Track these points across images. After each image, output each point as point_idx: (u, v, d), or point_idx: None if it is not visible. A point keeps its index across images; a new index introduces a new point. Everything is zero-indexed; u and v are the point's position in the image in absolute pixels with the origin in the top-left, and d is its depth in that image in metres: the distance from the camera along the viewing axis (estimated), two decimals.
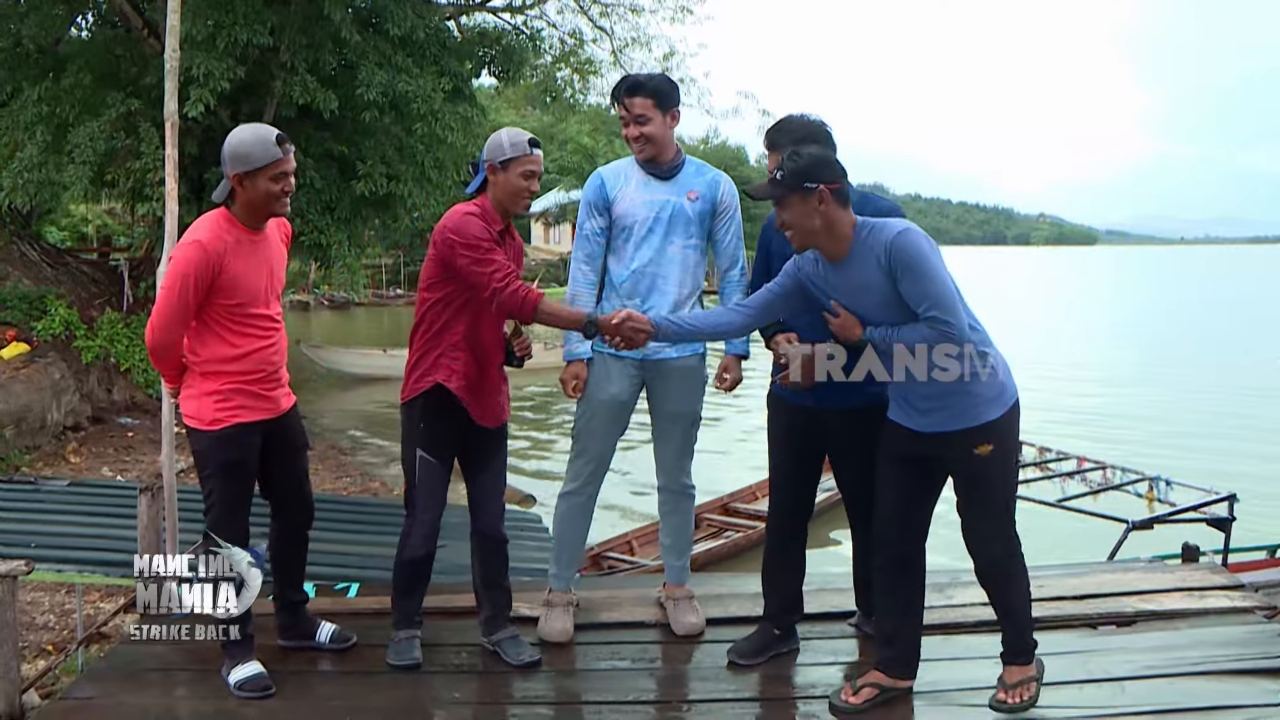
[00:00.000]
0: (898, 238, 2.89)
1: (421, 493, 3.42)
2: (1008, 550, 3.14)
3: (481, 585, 3.60)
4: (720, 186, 3.70)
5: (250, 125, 3.22)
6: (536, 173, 3.36)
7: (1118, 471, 6.33)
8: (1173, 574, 4.27)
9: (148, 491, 3.94)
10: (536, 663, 3.51)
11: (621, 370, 3.65)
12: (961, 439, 3.02)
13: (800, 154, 2.96)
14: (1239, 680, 3.32)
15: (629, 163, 3.70)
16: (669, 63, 17.90)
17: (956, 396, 2.98)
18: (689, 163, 3.71)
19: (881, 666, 3.24)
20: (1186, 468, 8.20)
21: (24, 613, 5.51)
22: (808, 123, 3.38)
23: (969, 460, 3.05)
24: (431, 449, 3.41)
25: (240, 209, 3.18)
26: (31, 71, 12.07)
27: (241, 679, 3.26)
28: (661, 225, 3.60)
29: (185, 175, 11.38)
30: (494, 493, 3.58)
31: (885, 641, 3.27)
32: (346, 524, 5.63)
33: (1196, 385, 17.96)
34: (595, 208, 3.67)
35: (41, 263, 12.62)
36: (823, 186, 2.91)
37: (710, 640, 3.72)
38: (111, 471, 9.40)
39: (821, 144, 3.24)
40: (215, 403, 3.18)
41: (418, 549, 3.45)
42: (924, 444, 3.08)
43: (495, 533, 3.56)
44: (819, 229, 2.95)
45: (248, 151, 3.11)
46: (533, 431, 14.11)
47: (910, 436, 3.10)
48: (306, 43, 11.35)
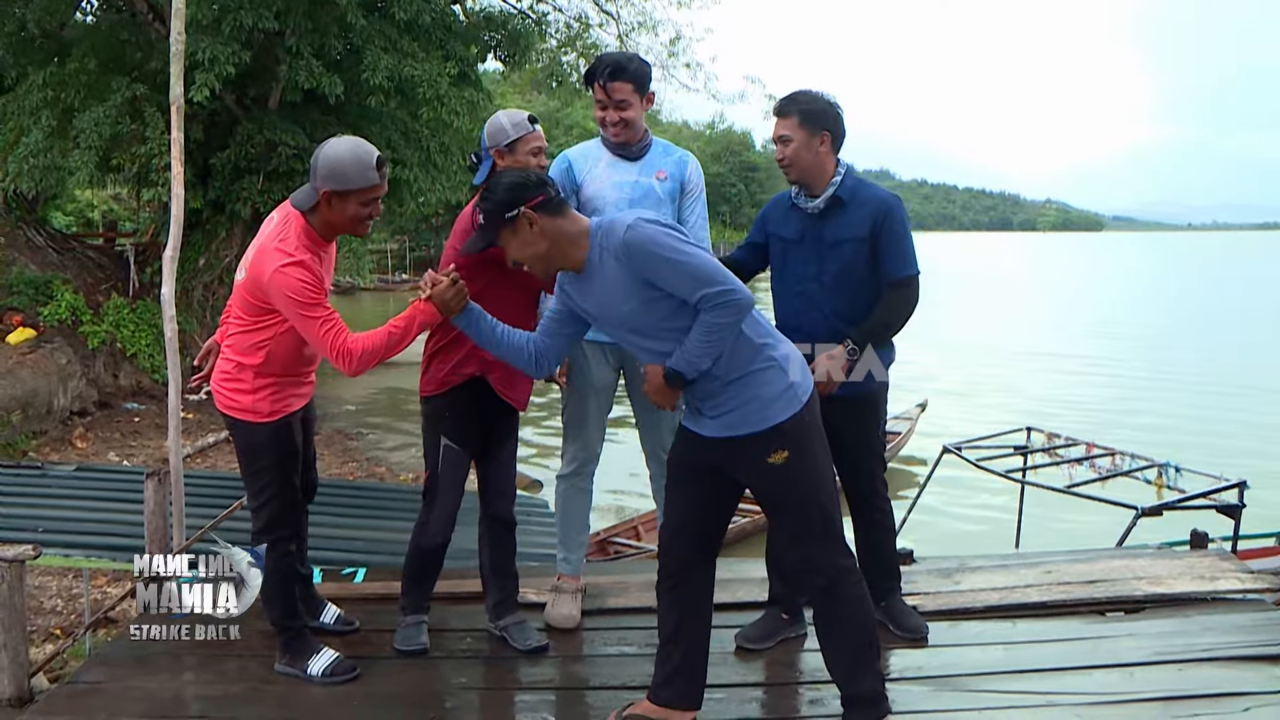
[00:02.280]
0: (628, 233, 2.65)
1: (443, 481, 3.40)
2: (830, 579, 2.78)
3: (490, 570, 3.59)
4: (688, 165, 3.69)
5: (350, 140, 3.04)
6: (542, 148, 3.36)
7: (1127, 458, 6.29)
8: (1181, 560, 4.25)
9: (154, 476, 3.94)
10: (544, 648, 3.51)
11: (597, 354, 3.64)
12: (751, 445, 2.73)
13: (489, 193, 2.79)
14: (1248, 666, 3.31)
15: (596, 144, 3.68)
16: (675, 47, 17.87)
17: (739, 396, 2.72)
18: (655, 143, 3.69)
19: (650, 693, 2.98)
20: (1197, 453, 8.18)
21: (32, 597, 5.53)
22: (818, 96, 3.39)
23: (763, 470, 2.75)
24: (458, 438, 3.39)
25: (321, 223, 3.07)
26: (36, 56, 12.06)
27: (325, 667, 3.26)
28: (632, 205, 3.56)
29: (191, 160, 11.36)
30: (506, 476, 3.58)
31: (657, 664, 3.00)
32: (353, 509, 5.65)
33: (1209, 371, 17.89)
34: (563, 189, 3.65)
35: (47, 248, 12.62)
36: (523, 209, 2.72)
37: (718, 625, 3.67)
38: (118, 457, 9.42)
39: (830, 116, 3.34)
40: (270, 395, 3.15)
41: (435, 537, 3.44)
42: (711, 451, 2.82)
43: (506, 516, 3.56)
44: (547, 249, 2.76)
45: (344, 171, 2.97)
46: (539, 416, 14.10)
47: (697, 442, 2.85)
48: (312, 27, 11.31)
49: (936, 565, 4.25)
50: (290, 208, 3.09)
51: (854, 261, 3.32)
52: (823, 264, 3.34)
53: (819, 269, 3.35)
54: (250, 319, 3.09)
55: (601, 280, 2.74)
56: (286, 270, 2.93)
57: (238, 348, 3.14)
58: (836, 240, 3.33)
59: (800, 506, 2.77)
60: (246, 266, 3.07)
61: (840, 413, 3.30)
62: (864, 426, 3.48)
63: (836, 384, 3.25)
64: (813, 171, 3.34)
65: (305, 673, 3.26)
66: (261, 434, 3.18)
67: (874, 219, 3.31)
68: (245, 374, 3.14)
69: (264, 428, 3.17)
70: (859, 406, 3.39)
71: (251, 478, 3.24)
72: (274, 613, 3.30)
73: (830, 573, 2.77)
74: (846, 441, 3.41)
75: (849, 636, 2.81)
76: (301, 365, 3.23)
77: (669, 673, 2.93)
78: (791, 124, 3.32)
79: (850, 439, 3.41)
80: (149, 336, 11.76)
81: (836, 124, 3.35)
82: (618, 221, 2.71)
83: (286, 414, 3.21)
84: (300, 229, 3.03)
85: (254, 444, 3.20)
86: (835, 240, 3.33)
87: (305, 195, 3.07)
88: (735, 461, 2.79)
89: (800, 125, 3.31)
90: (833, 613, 2.81)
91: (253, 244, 3.11)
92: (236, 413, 3.17)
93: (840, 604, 2.79)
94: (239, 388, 3.15)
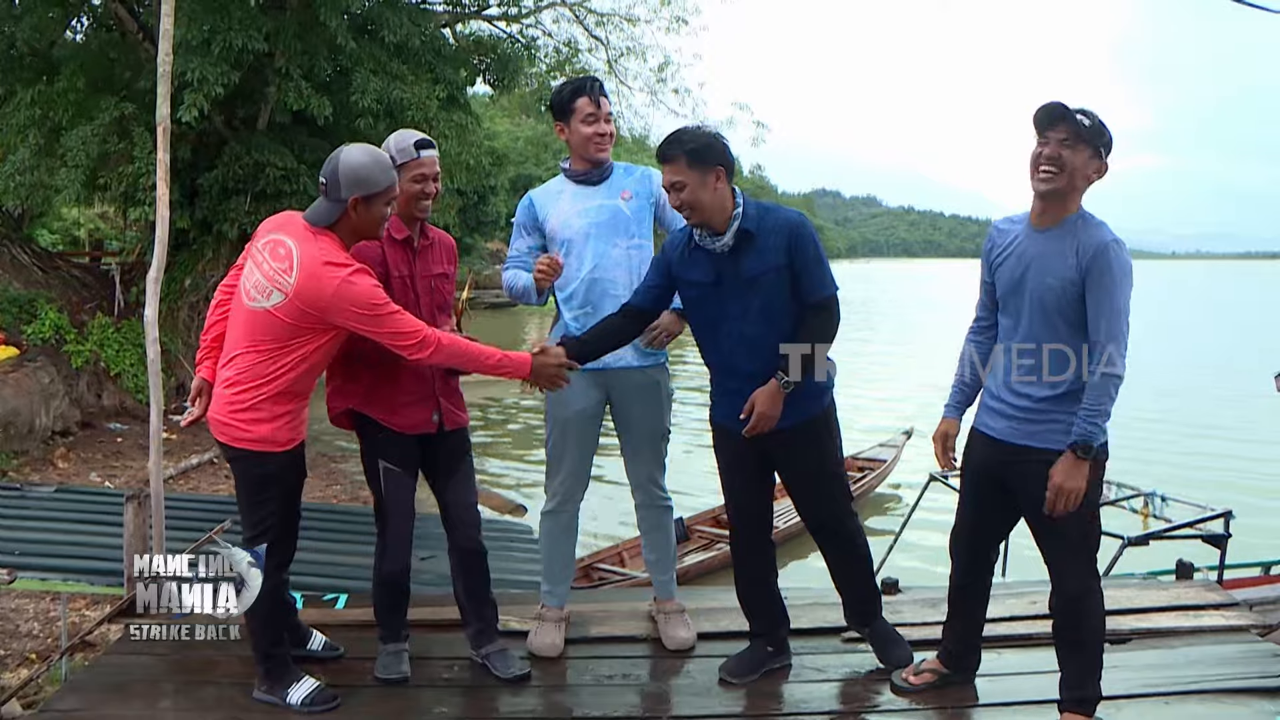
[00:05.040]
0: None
1: (390, 505, 3.39)
2: (1083, 591, 3.07)
3: (466, 600, 3.55)
4: (653, 179, 3.69)
5: (362, 146, 3.09)
6: (427, 175, 3.33)
7: (1113, 487, 6.30)
8: (1167, 591, 4.25)
9: (134, 499, 3.89)
10: (526, 676, 3.47)
11: (583, 383, 3.58)
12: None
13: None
14: (1234, 700, 3.30)
15: (557, 180, 3.72)
16: (664, 73, 17.98)
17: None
18: (615, 166, 3.71)
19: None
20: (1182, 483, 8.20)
21: (7, 620, 5.46)
22: (701, 131, 3.30)
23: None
24: (392, 458, 3.38)
25: (348, 232, 3.07)
26: (25, 74, 12.05)
27: (305, 696, 3.21)
28: (600, 229, 3.58)
29: (178, 180, 11.36)
30: (465, 502, 3.52)
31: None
32: (336, 533, 5.59)
33: (1193, 400, 17.99)
34: (525, 228, 3.69)
35: (32, 266, 12.55)
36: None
37: (701, 655, 3.69)
38: (100, 477, 9.33)
39: (718, 150, 3.24)
40: (288, 423, 3.10)
41: (392, 564, 3.42)
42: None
43: (473, 545, 3.51)
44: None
45: (370, 175, 3.01)
46: (523, 441, 14.06)
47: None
48: (302, 49, 11.34)
49: (922, 595, 4.23)
50: (308, 226, 3.05)
51: (777, 291, 3.21)
52: (745, 300, 3.22)
53: (743, 306, 3.23)
54: (278, 344, 3.01)
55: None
56: (353, 280, 2.94)
57: (256, 379, 3.04)
58: (753, 275, 3.21)
59: (1077, 522, 2.96)
60: (288, 293, 2.96)
61: (789, 442, 3.28)
62: (820, 450, 3.37)
63: (774, 418, 3.16)
64: (713, 211, 3.20)
65: (285, 701, 3.21)
66: (276, 464, 3.11)
67: (788, 245, 3.19)
68: (264, 404, 3.04)
69: (280, 457, 3.10)
70: (809, 433, 3.31)
71: (253, 508, 3.16)
72: (262, 640, 3.24)
73: (1083, 587, 3.02)
74: (802, 469, 3.39)
75: (1085, 645, 3.05)
76: (312, 387, 3.20)
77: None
78: (680, 167, 3.17)
79: (806, 466, 3.38)
80: (133, 356, 11.67)
81: (724, 156, 3.23)
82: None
83: (299, 442, 3.17)
84: (334, 243, 3.03)
85: (266, 475, 3.12)
86: (752, 275, 3.21)
87: (323, 211, 3.05)
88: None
89: (689, 167, 3.16)
90: (1076, 623, 3.04)
91: (272, 268, 3.01)
92: (251, 444, 3.07)
93: (1084, 617, 3.03)
94: (256, 418, 3.05)
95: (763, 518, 3.52)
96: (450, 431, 3.45)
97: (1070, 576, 3.02)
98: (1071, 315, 2.88)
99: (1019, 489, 3.04)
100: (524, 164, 39.84)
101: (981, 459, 3.16)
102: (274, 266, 3.00)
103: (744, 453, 3.35)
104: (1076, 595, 3.02)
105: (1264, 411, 14.52)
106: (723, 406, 3.38)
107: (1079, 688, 3.06)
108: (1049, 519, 2.92)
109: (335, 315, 2.95)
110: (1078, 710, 3.05)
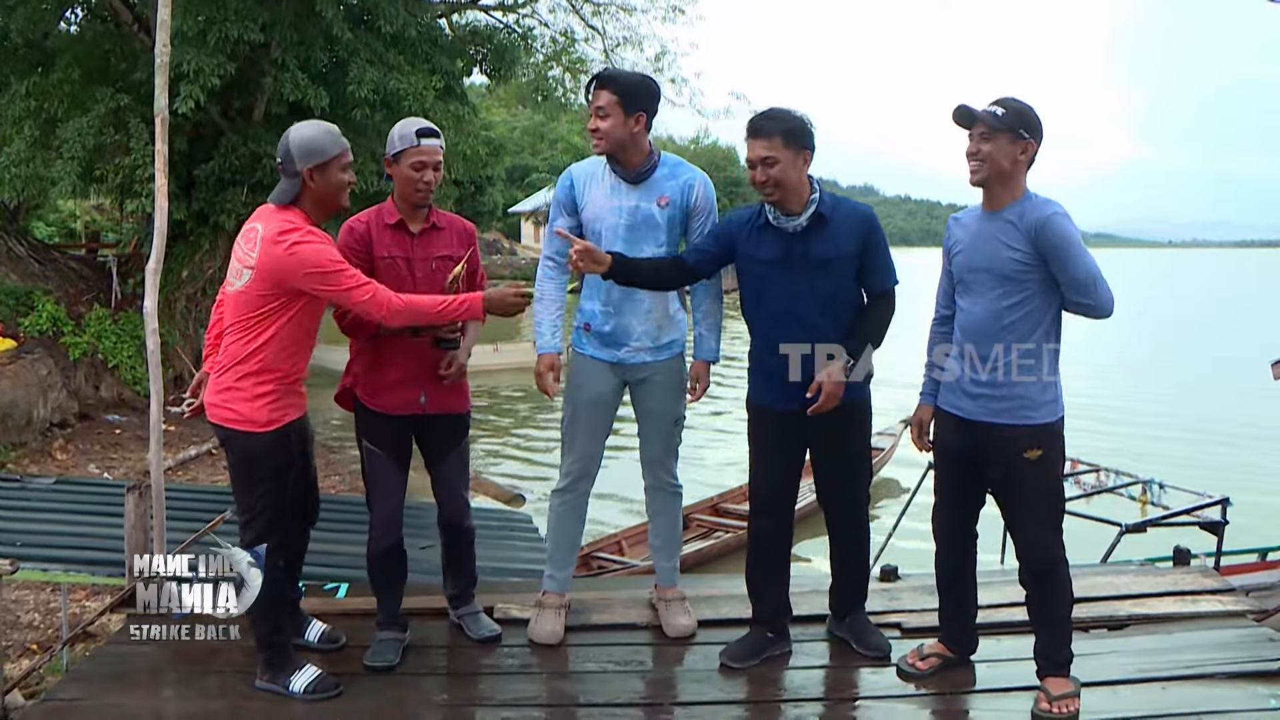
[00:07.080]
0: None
1: (375, 483, 3.50)
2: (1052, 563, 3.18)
3: (446, 567, 3.75)
4: (695, 190, 3.59)
5: (308, 121, 3.20)
6: (427, 163, 3.36)
7: (1111, 474, 6.32)
8: (1164, 577, 4.26)
9: (135, 490, 3.90)
10: (497, 637, 3.64)
11: (601, 371, 3.63)
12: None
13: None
14: (1231, 684, 3.32)
15: (600, 162, 3.61)
16: (660, 62, 17.93)
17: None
18: (664, 164, 3.58)
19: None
20: (1180, 470, 8.21)
21: (8, 611, 5.47)
22: (795, 114, 3.34)
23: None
24: (375, 439, 3.47)
25: (311, 204, 3.16)
26: (19, 66, 11.99)
27: (307, 684, 3.24)
28: (630, 232, 3.53)
29: (175, 171, 11.31)
30: (455, 483, 3.64)
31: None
32: (336, 523, 5.59)
33: (1191, 388, 17.98)
34: (565, 207, 3.63)
35: (29, 258, 12.51)
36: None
37: (702, 642, 3.70)
38: (98, 469, 9.34)
39: (809, 134, 3.33)
40: (269, 403, 3.14)
41: (380, 541, 3.50)
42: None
43: (457, 522, 3.65)
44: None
45: (319, 144, 3.11)
46: (523, 430, 14.07)
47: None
48: (298, 39, 11.31)
49: (921, 582, 4.23)
50: (273, 206, 3.15)
51: (842, 276, 3.32)
52: (813, 282, 3.30)
53: (809, 287, 3.30)
54: (250, 318, 3.10)
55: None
56: (302, 241, 3.02)
57: (234, 358, 3.14)
58: (825, 258, 3.30)
59: (1044, 494, 3.15)
60: (253, 267, 3.07)
61: (835, 423, 3.31)
62: (861, 430, 3.52)
63: (839, 397, 3.21)
64: (795, 191, 3.30)
65: (287, 689, 3.22)
66: (258, 444, 3.15)
67: (861, 234, 3.32)
68: (244, 382, 3.13)
69: (262, 437, 3.14)
70: (853, 414, 3.40)
71: (245, 491, 3.21)
72: (263, 628, 3.26)
73: (1051, 557, 3.15)
74: (841, 449, 3.46)
75: (1057, 614, 3.17)
76: (297, 369, 3.23)
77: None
78: (775, 144, 3.25)
79: (845, 446, 3.46)
80: (131, 348, 11.66)
81: (813, 141, 3.35)
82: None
83: (284, 423, 3.19)
84: (298, 216, 3.11)
85: (251, 454, 3.16)
86: (824, 258, 3.30)
87: (283, 190, 3.14)
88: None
89: (785, 145, 3.26)
90: (1047, 594, 3.16)
91: (243, 251, 3.12)
92: (233, 423, 3.14)
93: (1056, 587, 3.15)
94: (237, 396, 3.13)
95: (792, 503, 3.59)
96: (438, 415, 3.51)
97: (1038, 548, 3.15)
98: (1035, 278, 3.03)
99: (985, 463, 3.17)
100: (520, 154, 39.77)
101: (951, 438, 3.28)
102: (244, 250, 3.12)
103: (786, 434, 3.44)
104: (1047, 566, 3.14)
105: (1261, 398, 14.56)
106: (769, 389, 3.42)
107: (1055, 653, 3.17)
108: (1013, 491, 3.15)
109: (291, 278, 3.04)
110: (1056, 673, 3.16)
